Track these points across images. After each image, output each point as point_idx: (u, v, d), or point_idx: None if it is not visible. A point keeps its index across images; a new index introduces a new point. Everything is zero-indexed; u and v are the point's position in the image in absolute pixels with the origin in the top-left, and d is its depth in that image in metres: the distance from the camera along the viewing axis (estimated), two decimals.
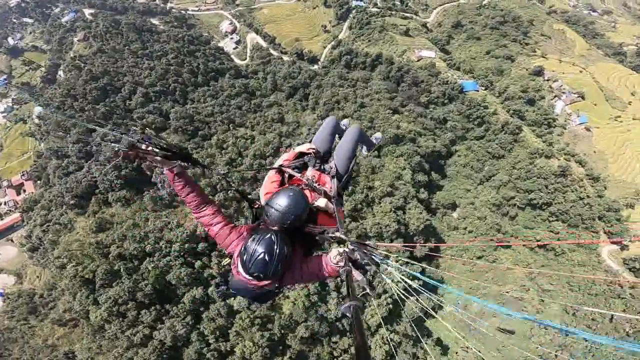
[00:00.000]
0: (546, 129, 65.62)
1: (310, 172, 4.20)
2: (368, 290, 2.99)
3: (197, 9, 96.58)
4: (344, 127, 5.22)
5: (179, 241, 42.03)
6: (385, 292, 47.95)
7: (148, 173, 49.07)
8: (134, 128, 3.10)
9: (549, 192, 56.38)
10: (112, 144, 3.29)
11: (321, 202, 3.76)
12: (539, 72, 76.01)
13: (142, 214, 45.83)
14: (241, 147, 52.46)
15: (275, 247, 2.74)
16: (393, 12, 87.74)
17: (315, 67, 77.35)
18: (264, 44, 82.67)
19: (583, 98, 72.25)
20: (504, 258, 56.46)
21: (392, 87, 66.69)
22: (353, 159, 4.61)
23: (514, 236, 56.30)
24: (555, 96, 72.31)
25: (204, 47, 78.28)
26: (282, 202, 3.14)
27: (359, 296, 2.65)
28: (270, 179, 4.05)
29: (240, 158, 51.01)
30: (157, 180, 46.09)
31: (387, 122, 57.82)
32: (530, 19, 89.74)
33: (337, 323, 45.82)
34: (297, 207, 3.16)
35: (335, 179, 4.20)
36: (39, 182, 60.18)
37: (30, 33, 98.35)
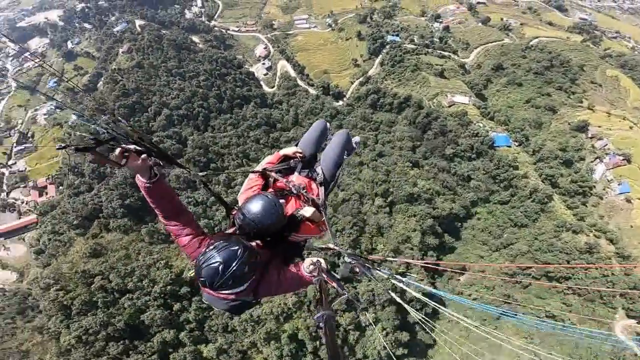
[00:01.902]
0: (581, 199, 57.57)
1: (296, 178, 3.87)
2: (347, 295, 2.89)
3: (237, 29, 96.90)
4: (329, 132, 4.91)
5: (162, 282, 40.89)
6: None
7: None
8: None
9: (570, 267, 50.42)
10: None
11: (307, 211, 3.37)
12: (582, 128, 67.25)
13: (137, 245, 45.00)
14: None
15: (236, 262, 2.40)
16: (430, 50, 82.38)
17: (340, 103, 73.90)
18: (292, 73, 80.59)
19: (629, 161, 62.52)
20: (506, 327, 50.82)
21: (416, 135, 61.72)
22: (341, 166, 4.38)
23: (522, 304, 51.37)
24: (597, 157, 63.42)
25: (235, 71, 77.63)
26: (252, 208, 2.86)
27: (334, 305, 2.61)
28: (250, 183, 3.62)
29: None
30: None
31: (403, 177, 53.11)
32: (581, 64, 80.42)
33: None
34: (267, 216, 2.84)
35: (323, 187, 3.91)
36: (60, 187, 61.87)
37: (87, 39, 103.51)
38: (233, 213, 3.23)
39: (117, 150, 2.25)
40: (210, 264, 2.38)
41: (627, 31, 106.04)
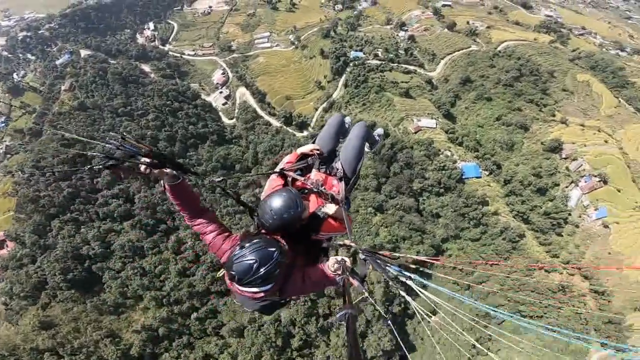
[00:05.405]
0: (555, 230, 54.74)
1: (314, 175, 3.79)
2: (367, 295, 2.90)
3: (193, 53, 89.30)
4: (347, 126, 4.82)
5: None
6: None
7: (99, 274, 43.56)
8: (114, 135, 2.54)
9: (542, 307, 48.57)
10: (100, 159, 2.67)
11: (330, 208, 3.33)
12: (555, 148, 63.73)
13: (87, 317, 40.51)
14: (200, 250, 45.24)
15: (270, 263, 2.42)
16: (395, 65, 77.05)
17: (304, 134, 68.45)
18: (252, 102, 74.26)
19: (605, 182, 59.81)
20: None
21: (381, 170, 57.13)
22: (361, 159, 4.26)
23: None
24: (572, 182, 60.34)
25: (189, 105, 71.09)
26: (273, 203, 2.86)
27: (357, 305, 3.23)
28: (271, 185, 3.59)
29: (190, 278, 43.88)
30: None
31: (366, 225, 48.87)
32: (551, 70, 76.47)
33: None
34: (288, 209, 2.83)
35: (342, 182, 3.78)
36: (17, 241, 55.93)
37: (32, 71, 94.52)
38: (256, 214, 3.09)
39: (142, 167, 2.49)
40: (245, 260, 2.40)
41: (592, 27, 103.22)
